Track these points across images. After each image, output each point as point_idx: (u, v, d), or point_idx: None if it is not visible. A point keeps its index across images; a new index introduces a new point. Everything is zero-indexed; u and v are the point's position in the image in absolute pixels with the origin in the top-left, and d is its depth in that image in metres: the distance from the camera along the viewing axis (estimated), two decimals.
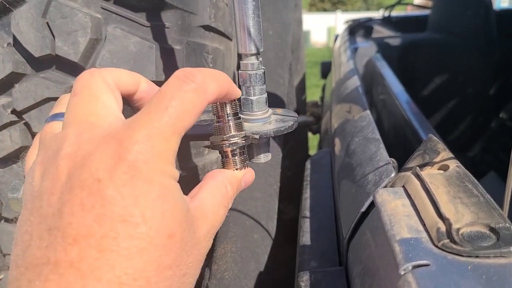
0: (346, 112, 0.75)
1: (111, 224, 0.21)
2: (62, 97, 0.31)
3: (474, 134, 1.78)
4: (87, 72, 0.27)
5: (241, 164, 0.31)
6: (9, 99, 0.48)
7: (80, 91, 0.26)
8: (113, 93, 0.27)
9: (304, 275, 0.41)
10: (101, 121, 0.25)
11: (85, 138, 0.23)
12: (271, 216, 0.76)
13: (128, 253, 0.21)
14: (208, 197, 0.28)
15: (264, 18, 0.99)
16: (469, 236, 0.28)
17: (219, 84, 0.27)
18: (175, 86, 0.24)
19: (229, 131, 0.31)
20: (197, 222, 0.25)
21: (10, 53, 0.47)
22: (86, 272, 0.20)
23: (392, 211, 0.33)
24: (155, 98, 0.24)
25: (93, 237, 0.20)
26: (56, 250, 0.21)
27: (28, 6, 0.45)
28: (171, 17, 0.51)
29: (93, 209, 0.21)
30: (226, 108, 0.31)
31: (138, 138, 0.22)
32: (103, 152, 0.22)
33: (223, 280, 0.61)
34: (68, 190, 0.22)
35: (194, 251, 0.24)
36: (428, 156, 0.39)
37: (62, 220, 0.21)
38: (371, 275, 0.34)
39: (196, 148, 0.61)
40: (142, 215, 0.21)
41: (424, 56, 1.75)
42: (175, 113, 0.23)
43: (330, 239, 0.52)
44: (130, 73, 0.30)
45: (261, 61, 0.37)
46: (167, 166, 0.23)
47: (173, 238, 0.22)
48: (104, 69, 0.28)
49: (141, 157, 0.22)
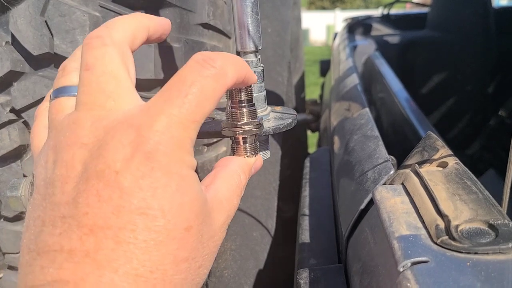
0: (345, 110, 0.75)
1: (129, 216, 0.20)
2: (65, 65, 0.28)
3: (473, 132, 1.78)
4: (97, 38, 0.25)
5: (252, 152, 0.31)
6: (7, 97, 0.48)
7: (93, 65, 0.24)
8: (128, 66, 0.26)
9: (303, 272, 0.41)
10: (118, 106, 0.23)
11: (101, 125, 0.23)
12: (270, 214, 0.77)
13: (146, 246, 0.20)
14: (223, 187, 0.27)
15: (262, 16, 0.98)
16: (468, 232, 0.28)
17: (238, 69, 0.26)
18: (195, 70, 0.23)
19: (243, 118, 0.30)
20: (214, 213, 0.25)
21: (8, 52, 0.46)
22: (103, 262, 0.20)
23: (391, 208, 0.33)
24: (174, 83, 0.23)
25: (111, 228, 0.20)
26: (71, 239, 0.20)
27: (26, 4, 0.45)
28: (169, 15, 0.51)
29: (110, 201, 0.21)
30: (241, 94, 0.30)
31: (157, 127, 0.21)
32: (120, 142, 0.21)
33: (222, 278, 0.61)
34: (84, 180, 0.21)
35: (210, 243, 0.24)
36: (427, 153, 0.39)
37: (77, 210, 0.21)
38: (370, 272, 0.34)
39: (195, 146, 0.61)
40: (161, 208, 0.21)
41: (423, 54, 1.75)
42: (196, 100, 0.23)
43: (329, 236, 0.52)
44: (141, 23, 0.28)
45: (259, 58, 0.37)
46: (186, 156, 0.23)
47: (190, 231, 0.22)
48: (116, 29, 0.26)
49: (160, 147, 0.21)
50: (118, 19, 0.27)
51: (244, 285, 0.63)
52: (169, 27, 0.30)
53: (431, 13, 1.86)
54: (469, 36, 1.67)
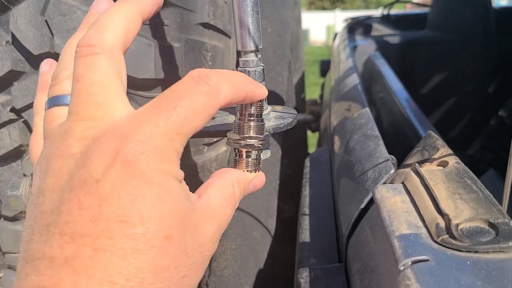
0: (345, 110, 0.75)
1: (107, 224, 0.21)
2: (57, 74, 0.28)
3: (473, 132, 1.78)
4: (88, 47, 0.25)
5: (254, 167, 0.31)
6: (8, 97, 0.48)
7: (82, 76, 0.24)
8: (120, 71, 0.25)
9: (303, 271, 0.41)
10: (108, 116, 0.24)
11: (90, 135, 0.23)
12: (271, 214, 0.77)
13: (123, 253, 0.20)
14: (215, 195, 0.27)
15: (263, 16, 0.98)
16: (468, 231, 0.28)
17: (235, 88, 0.26)
18: (187, 85, 0.23)
19: (249, 132, 0.30)
20: (203, 223, 0.25)
21: (8, 51, 0.47)
22: (79, 269, 0.20)
23: (392, 207, 0.33)
24: (165, 94, 0.23)
25: (89, 236, 0.20)
26: (53, 247, 0.21)
27: (26, 4, 0.45)
28: (170, 15, 0.51)
29: (90, 209, 0.21)
30: (250, 108, 0.30)
31: (140, 136, 0.22)
32: (103, 150, 0.22)
33: (222, 278, 0.61)
34: (68, 189, 0.22)
35: (196, 253, 0.24)
36: (427, 153, 0.39)
37: (60, 218, 0.21)
38: (371, 271, 0.34)
39: (195, 146, 0.61)
40: (140, 216, 0.21)
41: (423, 54, 1.75)
42: (184, 113, 0.23)
43: (330, 236, 0.52)
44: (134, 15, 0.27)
45: (260, 58, 0.37)
46: (169, 166, 0.22)
47: (171, 240, 0.22)
48: (106, 33, 0.25)
49: (142, 157, 0.21)
50: (109, 18, 0.26)
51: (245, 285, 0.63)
52: (161, 2, 0.30)
53: (431, 13, 1.86)
54: (469, 36, 1.67)
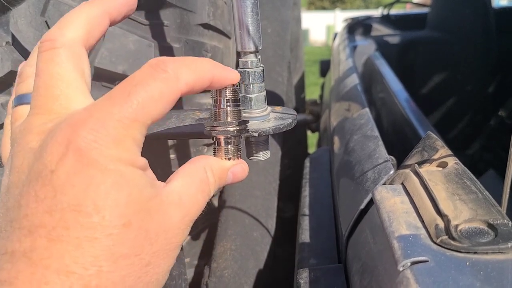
0: (345, 110, 0.75)
1: (61, 214, 0.21)
2: (21, 72, 0.28)
3: (473, 132, 1.78)
4: (48, 41, 0.25)
5: (233, 154, 0.30)
6: (8, 98, 0.48)
7: (41, 71, 0.25)
8: (81, 66, 0.26)
9: (303, 272, 0.41)
10: (66, 109, 0.24)
11: (47, 128, 0.23)
12: (271, 214, 0.77)
13: (78, 243, 0.20)
14: (184, 182, 0.26)
15: (263, 16, 0.99)
16: (467, 232, 0.28)
17: (196, 73, 0.25)
18: (145, 73, 0.23)
19: (225, 117, 0.29)
20: (168, 209, 0.24)
21: (9, 52, 0.47)
22: (36, 261, 0.20)
23: (391, 208, 0.33)
24: (121, 83, 0.23)
25: (44, 227, 0.21)
26: (13, 241, 0.21)
27: (26, 5, 0.45)
28: (170, 16, 0.51)
29: (45, 200, 0.21)
30: (224, 93, 0.29)
31: (93, 125, 0.22)
32: (57, 141, 0.22)
33: (222, 278, 0.61)
34: (27, 183, 0.22)
35: (161, 240, 0.23)
36: (426, 153, 0.39)
37: (19, 212, 0.21)
38: (370, 271, 0.34)
39: (196, 146, 0.61)
40: (94, 204, 0.21)
41: (423, 54, 1.75)
42: (138, 100, 0.22)
43: (329, 236, 0.52)
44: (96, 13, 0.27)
45: (260, 58, 0.37)
46: (125, 153, 0.22)
47: (129, 227, 0.22)
48: (67, 28, 0.26)
49: (94, 145, 0.21)
50: (72, 15, 0.26)
51: (244, 285, 0.63)
52: (134, 3, 0.29)
53: (431, 13, 1.86)
54: (469, 36, 1.68)
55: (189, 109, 0.42)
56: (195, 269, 0.72)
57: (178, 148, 0.59)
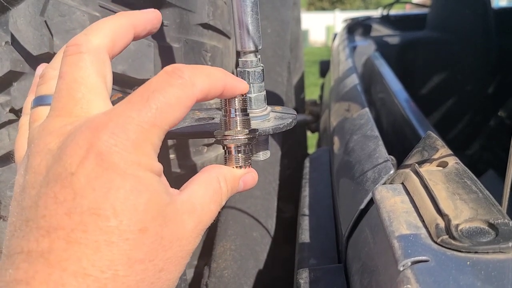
0: (345, 111, 0.75)
1: (80, 217, 0.21)
2: (44, 73, 0.29)
3: (472, 132, 1.78)
4: (74, 46, 0.26)
5: (244, 162, 0.30)
6: (7, 97, 0.48)
7: (65, 73, 0.25)
8: (104, 72, 0.26)
9: (303, 272, 0.41)
10: (86, 112, 0.24)
11: (66, 131, 0.23)
12: (270, 214, 0.77)
13: (97, 246, 0.21)
14: (198, 191, 0.27)
15: (262, 16, 0.99)
16: (468, 232, 0.28)
17: (211, 80, 0.26)
18: (161, 79, 0.24)
19: (235, 126, 0.30)
20: (183, 216, 0.25)
21: (8, 52, 0.46)
22: (53, 262, 0.20)
23: (391, 207, 0.33)
24: (139, 89, 0.24)
25: (63, 229, 0.21)
26: (29, 241, 0.21)
27: (26, 4, 0.45)
28: (169, 15, 0.51)
29: (64, 202, 0.21)
30: (233, 102, 0.30)
31: (113, 129, 0.22)
32: (77, 144, 0.22)
33: (222, 278, 0.61)
34: (45, 184, 0.22)
35: (174, 247, 0.24)
36: (427, 153, 0.39)
37: (37, 213, 0.22)
38: (370, 271, 0.34)
39: (195, 146, 0.61)
40: (113, 209, 0.21)
41: (422, 55, 1.75)
42: (156, 105, 0.23)
43: (329, 236, 0.52)
44: (122, 24, 0.28)
45: (259, 58, 0.37)
46: (144, 158, 0.23)
47: (146, 233, 0.22)
48: (94, 35, 0.26)
49: (115, 149, 0.22)
50: (99, 24, 0.27)
51: (244, 285, 0.62)
52: (159, 21, 0.30)
53: (430, 14, 1.86)
54: (469, 36, 1.68)
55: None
56: (194, 269, 0.72)
57: (178, 148, 0.59)
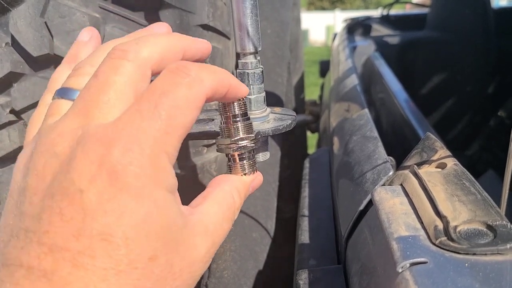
0: (345, 111, 0.75)
1: (90, 240, 0.19)
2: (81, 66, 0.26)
3: (472, 133, 1.78)
4: (121, 51, 0.23)
5: (250, 168, 0.29)
6: (7, 98, 0.48)
7: (102, 73, 0.23)
8: (139, 83, 0.24)
9: (302, 273, 0.41)
10: (103, 118, 0.22)
11: (77, 135, 0.21)
12: (270, 215, 0.77)
13: (104, 274, 0.19)
14: (212, 209, 0.25)
15: (262, 17, 0.99)
16: (466, 233, 0.28)
17: (217, 77, 0.24)
18: (167, 79, 0.22)
19: (238, 133, 0.28)
20: (195, 240, 0.23)
21: (8, 53, 0.47)
22: (58, 284, 0.19)
23: (390, 209, 0.33)
24: (145, 94, 0.22)
25: (70, 251, 0.19)
26: (30, 256, 0.20)
27: (26, 6, 0.45)
28: (169, 16, 0.51)
29: (72, 221, 0.19)
30: (233, 108, 0.28)
31: (126, 144, 0.20)
32: (88, 157, 0.20)
33: (222, 279, 0.61)
34: (50, 195, 0.20)
35: (184, 274, 0.22)
36: (426, 154, 0.39)
37: (40, 226, 0.20)
38: (369, 273, 0.34)
39: (195, 147, 0.61)
40: (124, 236, 0.20)
41: (422, 55, 1.75)
42: (167, 111, 0.21)
43: (329, 237, 0.52)
44: (175, 45, 0.26)
45: (259, 59, 0.37)
46: (160, 174, 0.21)
47: (156, 261, 0.21)
48: (144, 46, 0.24)
49: (130, 167, 0.20)
50: (152, 37, 0.25)
51: (244, 286, 0.63)
52: (209, 52, 0.28)
53: (430, 14, 1.86)
54: (468, 36, 1.68)
55: None
56: None
57: None
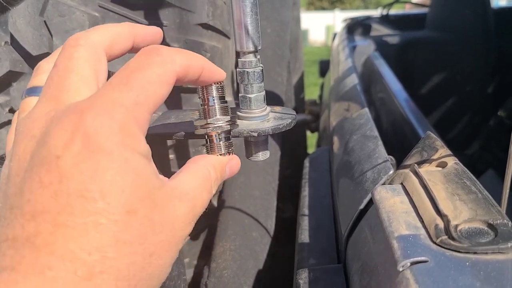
0: (345, 110, 0.75)
1: (67, 199, 0.21)
2: (38, 66, 0.30)
3: (472, 132, 1.78)
4: (73, 39, 0.26)
5: (226, 149, 0.31)
6: (6, 98, 0.48)
7: (60, 63, 0.25)
8: (97, 67, 0.26)
9: (302, 272, 0.41)
10: (71, 99, 0.24)
11: (50, 116, 0.23)
12: (270, 214, 0.77)
13: (84, 228, 0.20)
14: (188, 179, 0.27)
15: (262, 17, 0.99)
16: (467, 232, 0.28)
17: (190, 58, 0.26)
18: (139, 59, 0.24)
19: (214, 114, 0.30)
20: (174, 201, 0.25)
21: (7, 52, 0.46)
22: (40, 246, 0.20)
23: (391, 208, 0.33)
24: (119, 70, 0.24)
25: (49, 213, 0.21)
26: (15, 227, 0.21)
27: (25, 5, 0.45)
28: (169, 16, 0.51)
29: (50, 186, 0.21)
30: (210, 90, 0.30)
31: (98, 111, 0.22)
32: (62, 127, 0.22)
33: (222, 278, 0.61)
34: (29, 169, 0.22)
35: (166, 231, 0.24)
36: (426, 153, 0.39)
37: (22, 198, 0.21)
38: (370, 272, 0.34)
39: (195, 147, 0.61)
40: (100, 190, 0.21)
41: (422, 54, 1.75)
42: (138, 84, 0.23)
43: (329, 236, 0.52)
44: (123, 30, 0.28)
45: (259, 58, 0.37)
46: (130, 139, 0.22)
47: (135, 215, 0.22)
48: (94, 33, 0.27)
49: (101, 130, 0.22)
50: (100, 26, 0.28)
51: (244, 285, 0.63)
52: (160, 37, 0.31)
53: (430, 14, 1.86)
54: (468, 36, 1.68)
55: (188, 109, 0.42)
56: (194, 269, 0.72)
57: (177, 148, 0.59)
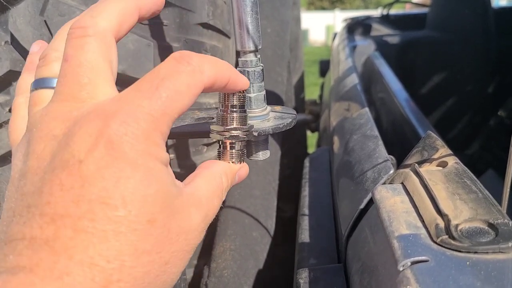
0: (345, 110, 0.75)
1: (89, 205, 0.20)
2: (46, 54, 0.28)
3: (472, 132, 1.78)
4: (80, 28, 0.25)
5: (238, 158, 0.31)
6: (7, 97, 0.48)
7: (71, 56, 0.24)
8: (110, 56, 0.26)
9: (303, 272, 0.41)
10: (92, 98, 0.24)
11: (72, 117, 0.23)
12: (270, 214, 0.77)
13: (104, 236, 0.20)
14: (203, 185, 0.27)
15: (262, 16, 0.98)
16: (467, 232, 0.28)
17: (218, 69, 0.26)
18: (170, 66, 0.24)
19: (232, 123, 0.30)
20: (190, 209, 0.24)
21: (7, 51, 0.46)
22: (59, 250, 0.20)
23: (391, 207, 0.33)
24: (148, 75, 0.23)
25: (70, 217, 0.20)
26: (33, 227, 0.21)
27: (25, 4, 0.45)
28: (169, 15, 0.51)
29: (72, 190, 0.21)
30: (231, 98, 0.30)
31: (124, 118, 0.22)
32: (86, 131, 0.22)
33: (222, 278, 0.61)
34: (50, 170, 0.22)
35: (181, 240, 0.24)
36: (426, 153, 0.39)
37: (41, 199, 0.21)
38: (370, 271, 0.34)
39: (195, 146, 0.61)
40: (122, 198, 0.21)
41: (422, 54, 1.75)
42: (166, 93, 0.23)
43: (329, 236, 0.52)
44: (129, 5, 0.27)
45: (259, 58, 0.37)
46: (154, 148, 0.22)
47: (154, 224, 0.22)
48: (100, 17, 0.25)
49: (126, 138, 0.21)
50: (104, 5, 0.26)
51: (244, 285, 0.63)
52: (162, 3, 0.30)
53: (430, 14, 1.86)
54: (468, 36, 1.68)
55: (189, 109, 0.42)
56: (194, 269, 0.72)
57: (178, 148, 0.59)
